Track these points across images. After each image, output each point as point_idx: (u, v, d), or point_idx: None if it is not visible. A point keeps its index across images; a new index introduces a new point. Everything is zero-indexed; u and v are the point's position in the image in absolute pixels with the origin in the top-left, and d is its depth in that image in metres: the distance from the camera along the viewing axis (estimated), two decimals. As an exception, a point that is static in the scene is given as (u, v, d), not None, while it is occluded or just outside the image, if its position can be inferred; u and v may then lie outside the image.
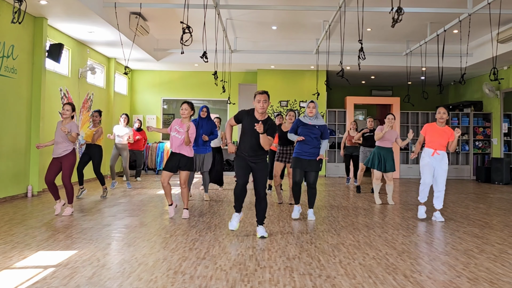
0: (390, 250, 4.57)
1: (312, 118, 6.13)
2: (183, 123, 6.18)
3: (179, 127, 6.14)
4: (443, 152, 6.23)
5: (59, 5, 7.66)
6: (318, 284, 3.49)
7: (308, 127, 6.09)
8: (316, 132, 6.08)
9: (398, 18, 5.48)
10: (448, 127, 6.32)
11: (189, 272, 3.75)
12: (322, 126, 6.15)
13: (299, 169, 6.09)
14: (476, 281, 3.61)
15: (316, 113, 6.15)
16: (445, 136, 6.22)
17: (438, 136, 6.22)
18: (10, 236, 5.01)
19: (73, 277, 3.58)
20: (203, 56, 7.48)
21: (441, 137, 6.22)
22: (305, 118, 6.17)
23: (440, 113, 6.29)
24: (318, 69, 12.86)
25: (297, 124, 6.19)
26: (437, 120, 6.35)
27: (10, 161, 7.81)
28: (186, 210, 6.30)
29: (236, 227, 5.09)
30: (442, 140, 6.21)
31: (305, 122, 6.13)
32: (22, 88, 8.15)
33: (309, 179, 6.12)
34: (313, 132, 6.07)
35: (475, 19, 9.03)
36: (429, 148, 6.27)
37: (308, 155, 6.05)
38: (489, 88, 12.91)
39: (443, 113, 6.26)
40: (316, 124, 6.11)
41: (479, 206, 7.81)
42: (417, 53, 11.72)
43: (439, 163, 6.21)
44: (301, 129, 6.12)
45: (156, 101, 14.44)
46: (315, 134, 6.07)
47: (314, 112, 6.12)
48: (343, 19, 8.95)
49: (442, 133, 6.23)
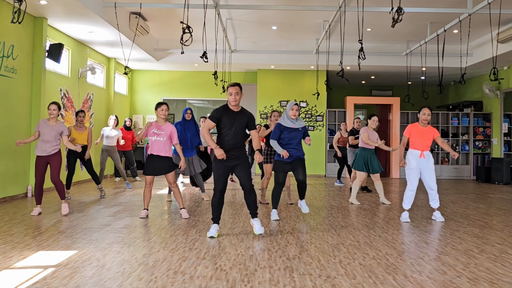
0: (390, 250, 4.57)
1: (294, 120, 6.02)
2: (160, 124, 6.08)
3: (157, 129, 6.03)
4: (428, 152, 6.19)
5: (59, 5, 7.66)
6: (318, 284, 3.49)
7: (291, 130, 5.98)
8: (299, 135, 6.03)
9: (398, 18, 5.48)
10: (430, 126, 6.29)
11: (189, 272, 3.75)
12: (303, 127, 6.09)
13: (282, 172, 6.01)
14: (476, 281, 3.61)
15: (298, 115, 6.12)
16: (429, 136, 6.19)
17: (422, 137, 6.17)
18: (10, 236, 5.01)
19: (73, 277, 3.58)
20: (203, 56, 7.47)
21: (425, 137, 6.17)
22: (287, 121, 6.00)
23: (425, 114, 6.21)
24: (318, 69, 12.85)
25: (280, 129, 5.99)
26: (419, 120, 6.28)
27: (10, 161, 7.81)
28: (184, 209, 6.28)
29: (215, 235, 5.04)
30: (427, 141, 6.18)
31: (288, 126, 5.98)
32: (22, 88, 8.14)
33: (299, 177, 5.94)
34: (296, 135, 6.00)
35: (475, 19, 9.03)
36: (415, 150, 6.19)
37: (291, 158, 5.95)
38: (489, 88, 12.90)
39: (428, 114, 6.20)
40: (299, 127, 6.03)
41: (479, 206, 7.81)
42: (417, 53, 11.72)
43: (426, 163, 6.14)
44: (285, 134, 5.97)
45: (156, 101, 14.39)
46: (298, 138, 6.02)
47: (297, 115, 6.04)
48: (343, 19, 8.95)
49: (426, 133, 6.19)
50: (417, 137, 6.20)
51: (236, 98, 4.95)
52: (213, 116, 4.98)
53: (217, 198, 5.04)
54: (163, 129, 6.04)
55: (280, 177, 6.02)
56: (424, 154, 6.14)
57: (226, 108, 5.02)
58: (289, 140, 5.98)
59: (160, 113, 6.06)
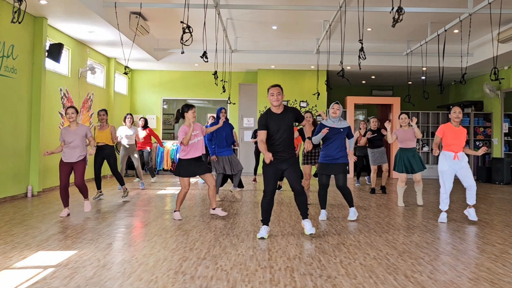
0: (391, 250, 4.56)
1: (336, 120, 6.01)
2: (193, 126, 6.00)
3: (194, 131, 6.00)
4: (461, 154, 6.00)
5: (59, 5, 7.65)
6: (318, 284, 3.48)
7: (333, 130, 5.95)
8: (341, 135, 5.97)
9: (399, 18, 5.48)
10: (461, 126, 6.10)
11: (190, 272, 3.74)
12: (346, 127, 6.04)
13: (325, 174, 6.03)
14: (477, 281, 3.60)
15: (340, 114, 6.04)
16: (462, 137, 6.01)
17: (456, 138, 5.96)
18: (10, 236, 5.01)
19: (73, 277, 3.57)
20: (203, 56, 7.47)
21: (458, 138, 5.97)
22: (329, 121, 6.03)
23: (455, 112, 6.02)
24: (318, 69, 12.84)
25: (321, 128, 6.02)
26: (451, 120, 6.08)
27: (10, 161, 7.81)
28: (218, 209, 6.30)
29: (266, 236, 5.00)
30: (460, 141, 5.97)
31: (329, 125, 5.98)
32: (22, 88, 8.14)
33: (339, 182, 5.97)
34: (339, 135, 5.96)
35: (476, 19, 9.02)
36: (449, 152, 5.99)
37: (334, 160, 5.95)
38: (489, 88, 12.89)
39: (459, 112, 6.01)
40: (341, 127, 5.99)
41: (480, 206, 7.79)
42: (418, 53, 11.71)
43: (460, 163, 5.97)
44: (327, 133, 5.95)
45: (156, 101, 14.43)
46: (341, 138, 5.97)
47: (338, 114, 6.00)
48: (344, 19, 8.94)
49: (459, 133, 5.99)
50: (450, 138, 5.97)
51: (278, 98, 4.92)
52: (261, 125, 4.97)
53: (267, 200, 4.99)
54: (196, 128, 6.05)
55: (323, 179, 6.05)
56: (458, 156, 5.94)
57: (269, 113, 5.00)
58: (329, 140, 5.97)
59: (192, 115, 6.00)
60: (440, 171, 6.07)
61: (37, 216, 6.26)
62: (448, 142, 6.00)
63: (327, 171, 6.01)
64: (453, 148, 5.98)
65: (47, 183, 8.98)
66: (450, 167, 6.01)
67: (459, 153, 5.98)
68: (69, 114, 6.25)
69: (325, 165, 6.02)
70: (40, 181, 8.49)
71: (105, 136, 7.81)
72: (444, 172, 6.03)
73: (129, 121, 9.43)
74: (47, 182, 8.96)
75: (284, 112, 5.02)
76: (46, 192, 8.76)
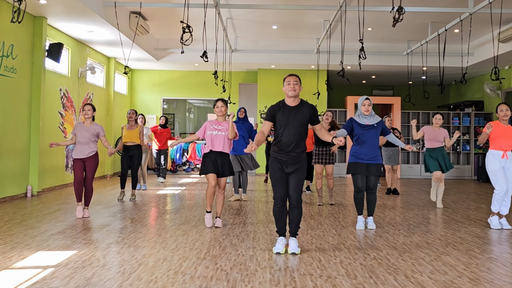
0: (391, 250, 4.55)
1: (368, 116, 5.51)
2: (219, 121, 5.62)
3: (217, 125, 5.56)
4: (510, 152, 5.70)
5: (59, 4, 7.64)
6: (319, 284, 3.47)
7: (366, 128, 5.45)
8: (375, 132, 5.47)
9: (399, 17, 5.46)
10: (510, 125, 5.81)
11: (190, 273, 3.73)
12: (379, 122, 5.53)
13: (359, 175, 5.47)
14: (477, 281, 3.59)
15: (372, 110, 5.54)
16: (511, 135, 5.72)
17: (505, 136, 5.67)
18: (10, 236, 5.00)
19: (73, 278, 3.56)
20: (203, 56, 7.46)
21: (508, 136, 5.68)
22: (360, 118, 5.51)
23: (503, 110, 5.73)
24: (318, 69, 12.82)
25: (351, 124, 5.50)
26: (499, 118, 5.78)
27: (10, 161, 7.79)
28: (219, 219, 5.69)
29: (282, 251, 4.36)
30: (509, 139, 5.68)
31: (362, 123, 5.48)
32: (21, 88, 8.13)
33: (369, 184, 5.49)
34: (373, 132, 5.45)
35: (476, 18, 9.00)
36: (498, 150, 5.69)
37: (368, 159, 5.43)
38: (490, 88, 12.88)
39: (506, 109, 5.72)
40: (374, 123, 5.49)
41: (481, 206, 7.78)
42: (418, 52, 11.68)
43: (510, 164, 5.68)
44: (358, 131, 5.46)
45: (156, 101, 14.42)
46: (375, 134, 5.46)
47: (370, 110, 5.49)
48: (344, 19, 8.93)
49: (508, 131, 5.70)
50: (499, 136, 5.69)
51: (295, 88, 4.30)
52: (268, 115, 4.38)
53: (278, 207, 4.36)
54: (223, 125, 5.58)
55: (358, 181, 5.48)
56: (506, 155, 5.66)
57: (282, 104, 4.38)
58: (361, 138, 5.44)
59: (216, 110, 5.61)
60: (491, 171, 5.74)
61: (36, 216, 6.25)
62: (497, 140, 5.71)
63: (362, 171, 5.45)
64: (502, 146, 5.69)
65: (47, 183, 8.97)
66: (500, 166, 5.68)
67: (508, 152, 5.69)
68: (85, 111, 6.25)
69: (359, 165, 5.46)
70: (40, 181, 8.48)
71: (134, 135, 7.91)
72: (496, 171, 5.69)
73: (141, 121, 9.37)
74: (46, 182, 8.95)
75: (300, 106, 4.36)
76: (46, 192, 8.75)
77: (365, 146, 5.44)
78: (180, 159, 12.75)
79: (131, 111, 8.10)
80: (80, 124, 6.30)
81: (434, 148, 7.34)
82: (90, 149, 6.19)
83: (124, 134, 7.94)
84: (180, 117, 15.19)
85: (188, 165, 13.57)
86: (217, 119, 5.67)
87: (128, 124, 8.04)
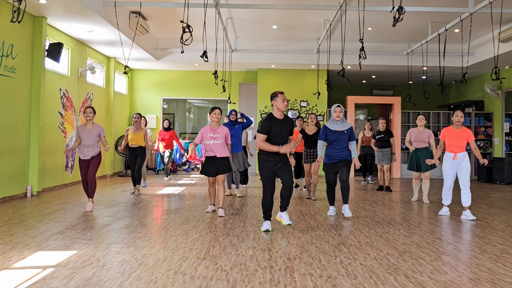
0: (392, 250, 4.54)
1: (339, 122, 6.37)
2: (214, 128, 6.43)
3: (213, 133, 6.39)
4: (462, 154, 6.49)
5: (59, 4, 7.64)
6: (319, 284, 3.47)
7: (336, 133, 6.33)
8: (344, 137, 6.33)
9: (399, 17, 5.46)
10: (464, 128, 6.56)
11: (189, 273, 3.73)
12: (349, 129, 6.37)
13: (332, 173, 6.39)
14: (478, 281, 3.59)
15: (343, 116, 6.39)
16: (463, 138, 6.47)
17: (456, 139, 6.48)
18: (10, 236, 4.99)
19: (72, 278, 3.56)
20: (203, 56, 7.45)
21: (458, 139, 6.47)
22: (333, 125, 6.38)
23: (457, 116, 6.48)
24: (318, 69, 12.82)
25: (325, 131, 6.40)
26: (453, 123, 6.55)
27: (10, 161, 7.79)
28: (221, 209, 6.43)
29: (270, 228, 5.37)
30: (460, 142, 6.47)
31: (333, 129, 6.36)
32: (21, 88, 8.12)
33: (342, 176, 6.31)
34: (342, 137, 6.31)
35: (477, 18, 9.00)
36: (450, 153, 6.54)
37: (338, 158, 6.30)
38: (490, 88, 12.87)
39: (461, 116, 6.47)
40: (344, 129, 6.33)
41: (481, 206, 7.78)
42: (418, 52, 11.68)
43: (460, 163, 6.48)
44: (330, 136, 6.35)
45: (156, 101, 14.41)
46: (344, 139, 6.32)
47: (341, 116, 6.35)
48: (344, 18, 8.92)
49: (459, 135, 6.47)
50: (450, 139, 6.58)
51: (286, 104, 5.35)
52: (264, 129, 5.26)
53: (268, 200, 5.34)
54: (218, 132, 6.42)
55: (330, 178, 6.43)
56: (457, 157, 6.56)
57: (271, 118, 5.31)
58: (333, 142, 6.34)
59: (213, 117, 6.44)
60: (443, 171, 6.63)
61: (36, 216, 6.25)
62: (448, 144, 6.57)
63: (333, 170, 6.37)
64: (452, 149, 6.51)
65: (47, 183, 8.97)
66: (451, 166, 6.54)
67: (459, 154, 6.49)
68: (87, 113, 6.75)
69: (330, 165, 6.38)
70: (40, 181, 8.47)
71: (140, 138, 8.45)
72: (446, 171, 6.58)
73: (142, 122, 9.65)
74: (46, 182, 8.94)
75: (285, 119, 5.39)
76: (46, 192, 8.74)
77: (336, 149, 6.33)
78: (180, 159, 12.75)
79: (136, 115, 8.59)
80: (83, 126, 6.83)
81: (420, 148, 7.99)
82: (94, 150, 6.77)
83: (130, 138, 8.46)
84: (180, 117, 15.20)
85: (188, 165, 13.58)
86: (211, 124, 6.49)
87: (134, 127, 8.51)
